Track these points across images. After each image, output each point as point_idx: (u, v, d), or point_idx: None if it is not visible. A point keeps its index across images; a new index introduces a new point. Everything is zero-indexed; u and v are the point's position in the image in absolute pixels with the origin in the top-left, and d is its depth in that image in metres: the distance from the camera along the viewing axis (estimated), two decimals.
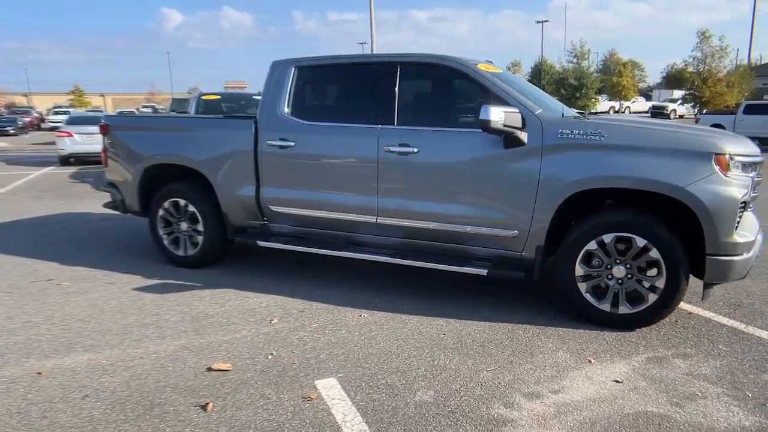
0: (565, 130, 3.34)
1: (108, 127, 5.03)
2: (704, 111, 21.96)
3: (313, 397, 2.63)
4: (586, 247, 3.33)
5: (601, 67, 42.29)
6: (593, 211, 3.41)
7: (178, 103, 15.63)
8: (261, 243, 4.37)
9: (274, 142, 4.15)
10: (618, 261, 3.31)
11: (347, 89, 4.18)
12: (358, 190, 3.94)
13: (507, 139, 3.39)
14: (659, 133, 3.30)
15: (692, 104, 25.94)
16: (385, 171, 3.79)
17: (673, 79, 65.45)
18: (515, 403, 2.57)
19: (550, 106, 3.80)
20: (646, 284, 3.25)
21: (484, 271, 3.62)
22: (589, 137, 3.27)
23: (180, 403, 2.60)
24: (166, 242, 4.82)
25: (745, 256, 3.11)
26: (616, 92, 35.26)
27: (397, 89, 3.82)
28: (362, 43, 40.73)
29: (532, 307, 3.76)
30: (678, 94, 38.25)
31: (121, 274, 4.60)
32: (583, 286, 3.40)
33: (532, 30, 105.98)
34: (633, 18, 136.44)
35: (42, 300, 4.01)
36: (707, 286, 3.25)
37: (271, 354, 3.11)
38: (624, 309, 3.32)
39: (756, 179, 3.23)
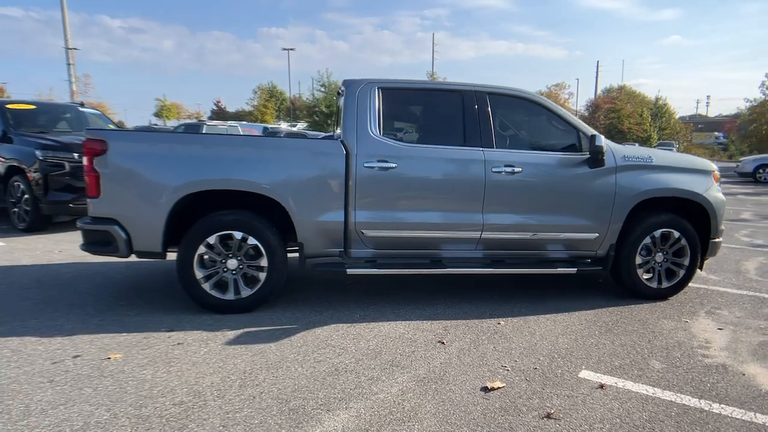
0: (627, 154, 4.45)
1: (104, 143, 3.83)
2: None
3: (604, 385, 2.99)
4: (643, 242, 4.50)
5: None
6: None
7: None
8: (351, 271, 4.13)
9: (372, 164, 4.04)
10: (659, 250, 4.58)
11: (441, 113, 4.37)
12: (464, 209, 4.22)
13: (594, 160, 4.30)
14: (678, 157, 4.73)
15: None
16: (491, 190, 4.20)
17: None
18: (703, 353, 3.49)
19: None
20: (677, 264, 4.61)
21: (573, 269, 4.42)
22: (644, 160, 4.46)
23: (525, 420, 2.62)
24: (206, 286, 3.98)
25: (722, 238, 4.79)
26: None
27: (491, 116, 4.29)
28: (74, 48, 34.51)
29: (592, 294, 4.73)
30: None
31: (169, 333, 3.63)
32: (640, 272, 4.55)
33: (243, 53, 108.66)
34: (334, 53, 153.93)
35: (129, 375, 2.96)
36: (704, 261, 4.81)
37: (503, 367, 3.23)
38: (665, 284, 4.61)
39: None
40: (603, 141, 4.16)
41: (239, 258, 4.01)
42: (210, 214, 3.99)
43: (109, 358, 3.22)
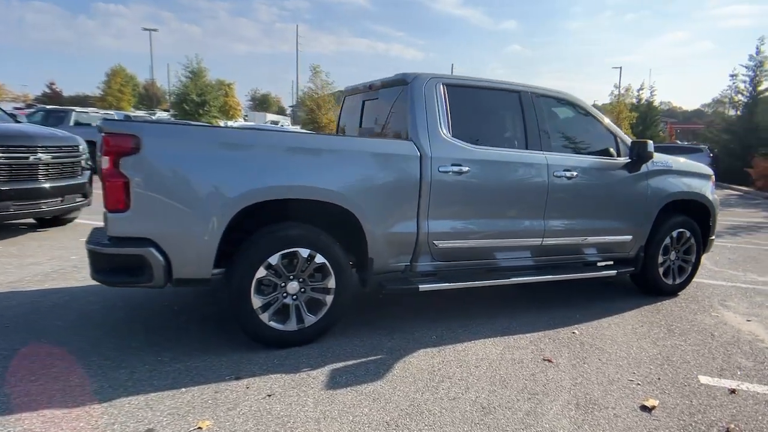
0: (655, 159, 4.66)
1: (136, 140, 2.89)
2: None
3: (734, 390, 3.06)
4: (664, 242, 4.78)
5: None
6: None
7: None
8: (423, 287, 3.71)
9: (447, 169, 3.67)
10: (674, 248, 4.90)
11: (503, 114, 4.11)
12: (528, 215, 4.06)
13: (634, 164, 4.43)
14: (686, 163, 5.08)
15: (311, 128, 30.22)
16: (553, 194, 4.10)
17: (257, 103, 73.02)
18: (765, 346, 3.78)
19: None
20: (686, 261, 4.98)
21: (614, 272, 4.53)
22: (667, 165, 4.72)
23: None
24: (264, 316, 3.27)
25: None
26: (224, 111, 37.11)
27: (546, 119, 4.18)
28: None
29: (614, 293, 4.91)
30: (270, 117, 43.26)
31: (242, 381, 2.91)
32: (660, 270, 4.83)
33: (74, 30, 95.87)
34: (186, 37, 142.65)
35: None
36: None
37: (630, 381, 3.15)
38: (678, 280, 4.95)
39: None
40: (653, 148, 4.32)
41: (301, 280, 3.36)
42: (268, 229, 3.27)
43: (200, 428, 2.43)
